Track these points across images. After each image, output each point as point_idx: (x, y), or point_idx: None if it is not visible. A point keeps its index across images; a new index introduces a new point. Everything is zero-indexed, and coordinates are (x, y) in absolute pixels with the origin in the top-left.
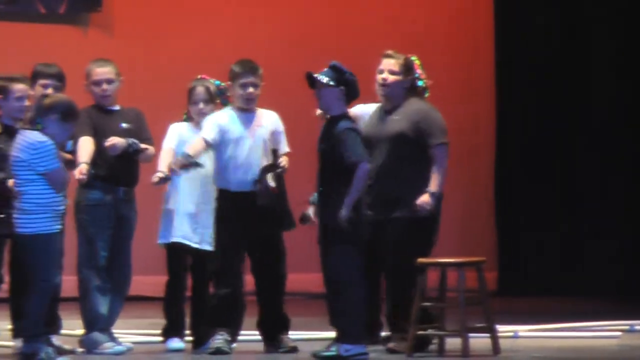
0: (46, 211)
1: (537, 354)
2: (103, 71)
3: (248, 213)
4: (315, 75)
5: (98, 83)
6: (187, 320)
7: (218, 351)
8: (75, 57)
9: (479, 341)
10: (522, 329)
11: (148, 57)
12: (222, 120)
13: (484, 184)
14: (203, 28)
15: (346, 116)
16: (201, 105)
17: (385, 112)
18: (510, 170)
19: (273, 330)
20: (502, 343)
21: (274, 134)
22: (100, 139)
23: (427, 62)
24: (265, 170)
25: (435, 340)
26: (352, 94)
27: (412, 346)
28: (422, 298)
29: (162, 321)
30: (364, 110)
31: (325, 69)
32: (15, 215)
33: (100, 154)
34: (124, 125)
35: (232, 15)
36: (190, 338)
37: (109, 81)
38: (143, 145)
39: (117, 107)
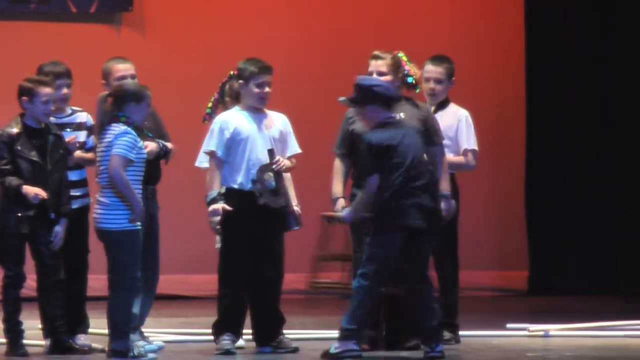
0: (126, 207)
1: (569, 352)
2: (125, 67)
3: (257, 212)
4: (342, 100)
5: (123, 79)
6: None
7: (228, 352)
8: (107, 56)
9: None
10: (554, 328)
11: (180, 56)
12: (233, 121)
13: (515, 182)
14: (234, 26)
15: (386, 124)
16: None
17: None
18: (541, 168)
19: (270, 330)
20: (534, 342)
21: (283, 135)
22: None
23: (456, 59)
24: (264, 169)
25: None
26: (389, 101)
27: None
28: None
29: (196, 320)
30: None
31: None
32: (97, 209)
33: None
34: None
35: (263, 13)
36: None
37: (133, 77)
38: (169, 145)
39: None
